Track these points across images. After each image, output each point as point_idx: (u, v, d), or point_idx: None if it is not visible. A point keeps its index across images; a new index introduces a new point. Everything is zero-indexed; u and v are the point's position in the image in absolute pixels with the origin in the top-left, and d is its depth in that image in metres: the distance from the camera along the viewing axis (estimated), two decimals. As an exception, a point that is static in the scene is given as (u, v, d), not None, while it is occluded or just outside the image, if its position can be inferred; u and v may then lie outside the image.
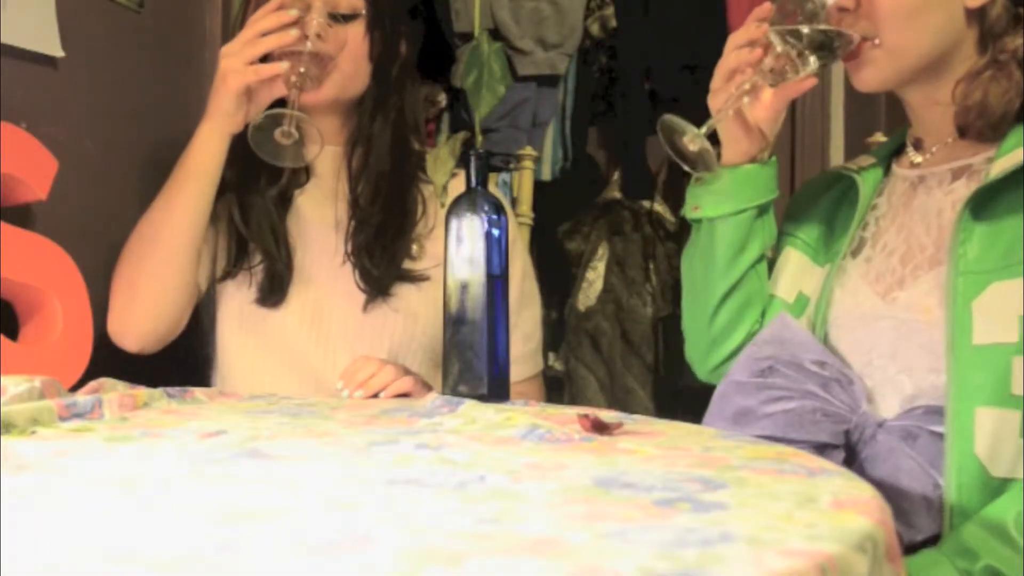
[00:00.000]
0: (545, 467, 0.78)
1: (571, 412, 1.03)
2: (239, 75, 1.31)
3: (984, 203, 1.10)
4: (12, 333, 1.31)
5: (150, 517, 0.62)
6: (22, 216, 1.33)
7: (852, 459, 1.13)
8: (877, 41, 1.14)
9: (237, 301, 1.46)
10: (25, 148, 1.29)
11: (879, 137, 1.81)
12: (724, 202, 1.28)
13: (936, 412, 1.09)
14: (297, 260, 1.46)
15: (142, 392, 1.10)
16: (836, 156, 2.60)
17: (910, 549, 1.05)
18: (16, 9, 1.30)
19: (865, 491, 0.72)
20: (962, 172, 1.17)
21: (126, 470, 0.78)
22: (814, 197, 1.36)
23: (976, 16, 1.15)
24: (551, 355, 2.53)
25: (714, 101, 1.25)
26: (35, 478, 0.74)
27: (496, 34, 2.49)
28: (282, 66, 1.29)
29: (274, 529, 0.59)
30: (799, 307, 1.27)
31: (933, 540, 1.06)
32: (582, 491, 0.70)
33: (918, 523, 1.06)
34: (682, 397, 2.56)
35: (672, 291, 2.66)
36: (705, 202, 1.30)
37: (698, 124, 1.21)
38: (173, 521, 0.61)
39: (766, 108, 1.25)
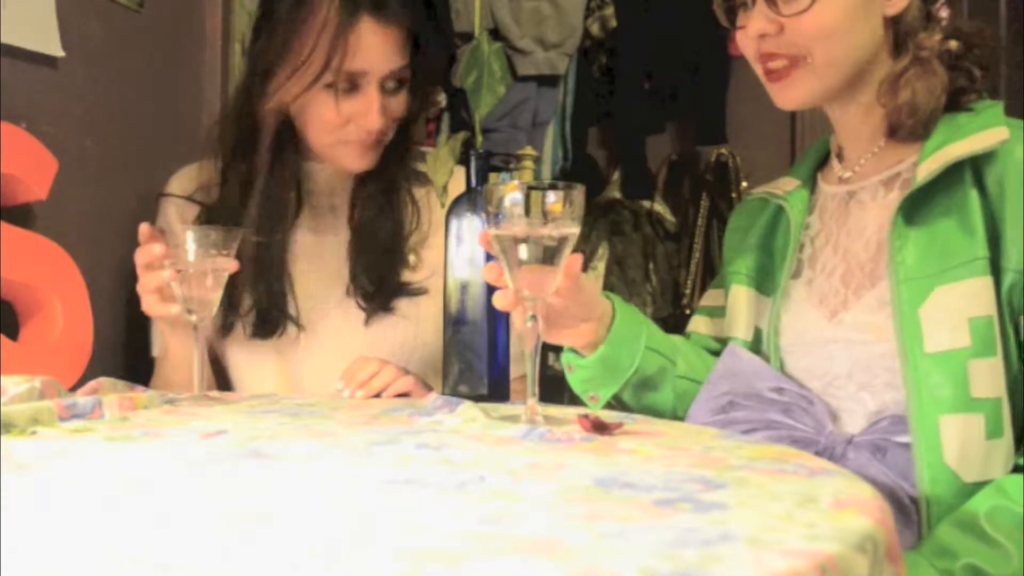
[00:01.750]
0: (545, 467, 0.78)
1: (571, 412, 1.03)
2: (145, 303, 1.27)
3: (916, 207, 1.09)
4: (12, 333, 1.31)
5: (150, 517, 0.62)
6: (22, 216, 1.33)
7: None
8: (810, 60, 1.13)
9: (237, 332, 1.45)
10: (25, 148, 1.29)
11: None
12: (610, 384, 1.24)
13: (902, 421, 1.08)
14: (297, 285, 1.43)
15: (141, 396, 1.10)
16: (836, 156, 2.60)
17: None
18: (16, 9, 1.30)
19: (865, 491, 0.71)
20: (893, 182, 1.17)
21: (127, 470, 0.78)
22: (746, 228, 1.34)
23: (891, 22, 1.15)
24: (551, 355, 2.52)
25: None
26: (35, 478, 0.74)
27: (496, 34, 2.49)
28: (172, 309, 1.23)
29: (274, 529, 0.59)
30: (758, 341, 1.27)
31: None
32: (582, 491, 0.70)
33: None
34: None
35: (672, 291, 2.67)
36: (599, 393, 1.26)
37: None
38: (173, 521, 0.61)
39: (562, 294, 1.12)
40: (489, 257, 1.22)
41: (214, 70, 1.80)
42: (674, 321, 2.57)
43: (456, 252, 1.24)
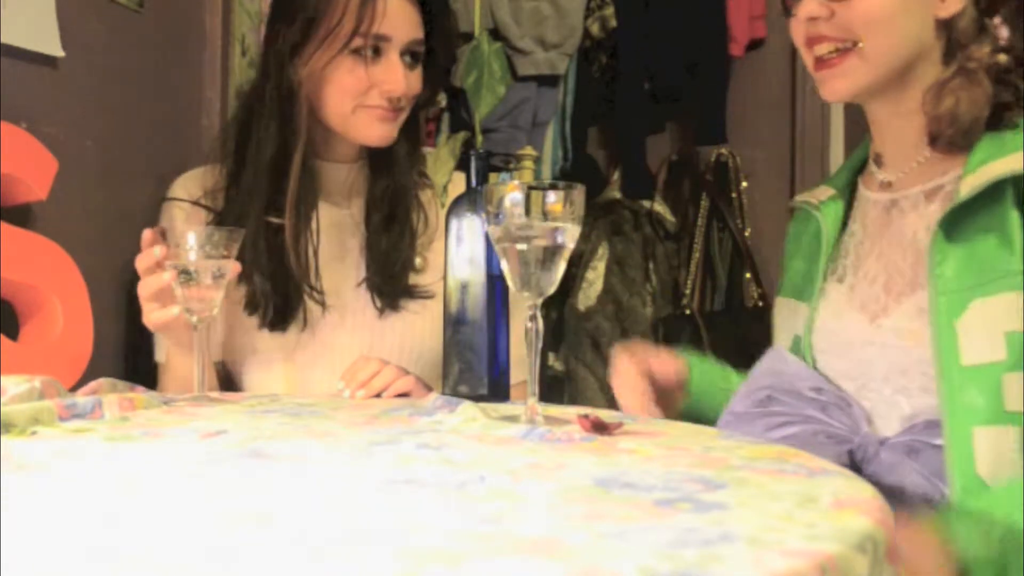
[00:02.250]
0: (545, 467, 0.78)
1: (571, 412, 1.03)
2: (145, 312, 1.27)
3: (956, 223, 1.10)
4: (12, 333, 1.31)
5: (150, 517, 0.62)
6: (22, 216, 1.33)
7: None
8: (861, 45, 1.14)
9: (245, 325, 1.45)
10: (25, 148, 1.29)
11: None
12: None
13: (937, 425, 1.09)
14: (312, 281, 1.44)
15: (141, 396, 1.10)
16: (836, 156, 2.60)
17: None
18: (16, 9, 1.30)
19: (865, 491, 0.71)
20: (935, 194, 1.17)
21: (127, 470, 0.78)
22: (797, 236, 1.36)
23: (944, 27, 1.16)
24: (551, 355, 2.53)
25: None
26: (35, 478, 0.74)
27: (496, 34, 2.49)
28: (172, 312, 1.23)
29: (274, 529, 0.59)
30: (796, 349, 1.29)
31: None
32: (582, 491, 0.70)
33: None
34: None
35: (672, 291, 2.67)
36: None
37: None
38: (173, 521, 0.61)
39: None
40: (488, 256, 1.22)
41: (214, 70, 1.80)
42: (674, 321, 2.58)
43: (456, 252, 1.24)
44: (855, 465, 1.14)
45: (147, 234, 1.23)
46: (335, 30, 1.36)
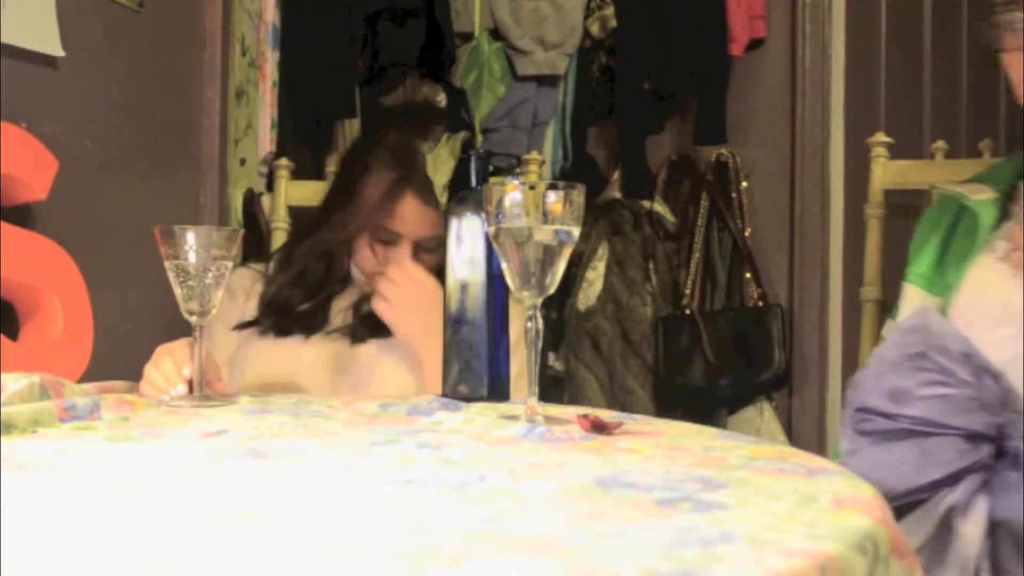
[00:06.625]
0: (545, 467, 0.78)
1: (571, 412, 1.03)
2: (143, 385, 1.26)
3: None
4: (12, 333, 1.31)
5: (151, 517, 0.62)
6: (22, 216, 1.33)
7: (1002, 453, 1.13)
8: None
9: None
10: (25, 148, 1.29)
11: (880, 137, 1.80)
12: None
13: None
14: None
15: (140, 399, 1.10)
16: (836, 156, 2.59)
17: None
18: (16, 9, 1.30)
19: (865, 491, 0.71)
20: None
21: (127, 470, 0.78)
22: (933, 225, 1.35)
23: None
24: (551, 355, 2.52)
25: None
26: (35, 478, 0.74)
27: (496, 34, 2.49)
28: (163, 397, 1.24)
29: (274, 529, 0.59)
30: None
31: None
32: (582, 491, 0.70)
33: None
34: (682, 397, 2.56)
35: (672, 291, 2.67)
36: None
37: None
38: (173, 521, 0.61)
39: None
40: (488, 256, 1.22)
41: (214, 70, 1.80)
42: (674, 321, 2.58)
43: (456, 252, 1.24)
44: (1001, 439, 1.13)
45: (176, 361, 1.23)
46: (357, 214, 1.54)
